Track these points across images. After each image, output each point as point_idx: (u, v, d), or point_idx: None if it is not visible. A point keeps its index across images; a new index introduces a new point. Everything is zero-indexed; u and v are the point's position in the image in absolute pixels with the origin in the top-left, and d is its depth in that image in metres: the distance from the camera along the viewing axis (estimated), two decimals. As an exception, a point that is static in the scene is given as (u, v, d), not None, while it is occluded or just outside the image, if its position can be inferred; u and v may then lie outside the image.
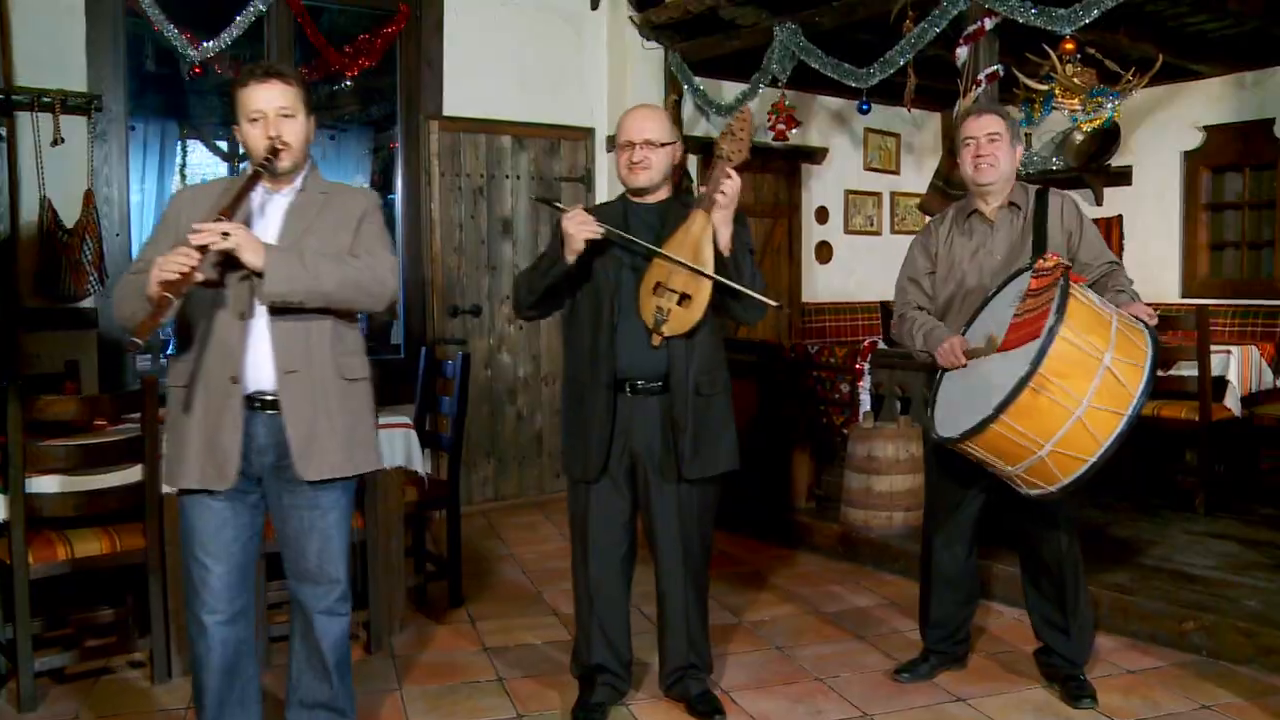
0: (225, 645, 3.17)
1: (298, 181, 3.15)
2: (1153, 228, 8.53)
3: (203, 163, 9.89)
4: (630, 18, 7.68)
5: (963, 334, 3.80)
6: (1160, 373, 6.48)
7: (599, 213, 3.67)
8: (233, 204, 2.93)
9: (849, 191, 9.22)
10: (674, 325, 3.53)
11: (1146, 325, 3.46)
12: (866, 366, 6.31)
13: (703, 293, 3.51)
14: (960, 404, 3.57)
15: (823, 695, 4.13)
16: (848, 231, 9.28)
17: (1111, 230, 8.68)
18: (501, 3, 7.40)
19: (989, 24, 5.62)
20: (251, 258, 2.88)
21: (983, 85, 5.65)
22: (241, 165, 9.92)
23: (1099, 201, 8.79)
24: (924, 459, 4.31)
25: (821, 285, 9.13)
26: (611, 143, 7.77)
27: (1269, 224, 7.97)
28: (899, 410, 6.19)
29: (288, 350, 3.05)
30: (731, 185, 3.53)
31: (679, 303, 3.51)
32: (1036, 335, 3.26)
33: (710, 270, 3.50)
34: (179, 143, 9.69)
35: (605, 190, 7.64)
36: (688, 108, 7.92)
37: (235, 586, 3.17)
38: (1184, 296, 8.29)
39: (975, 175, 3.93)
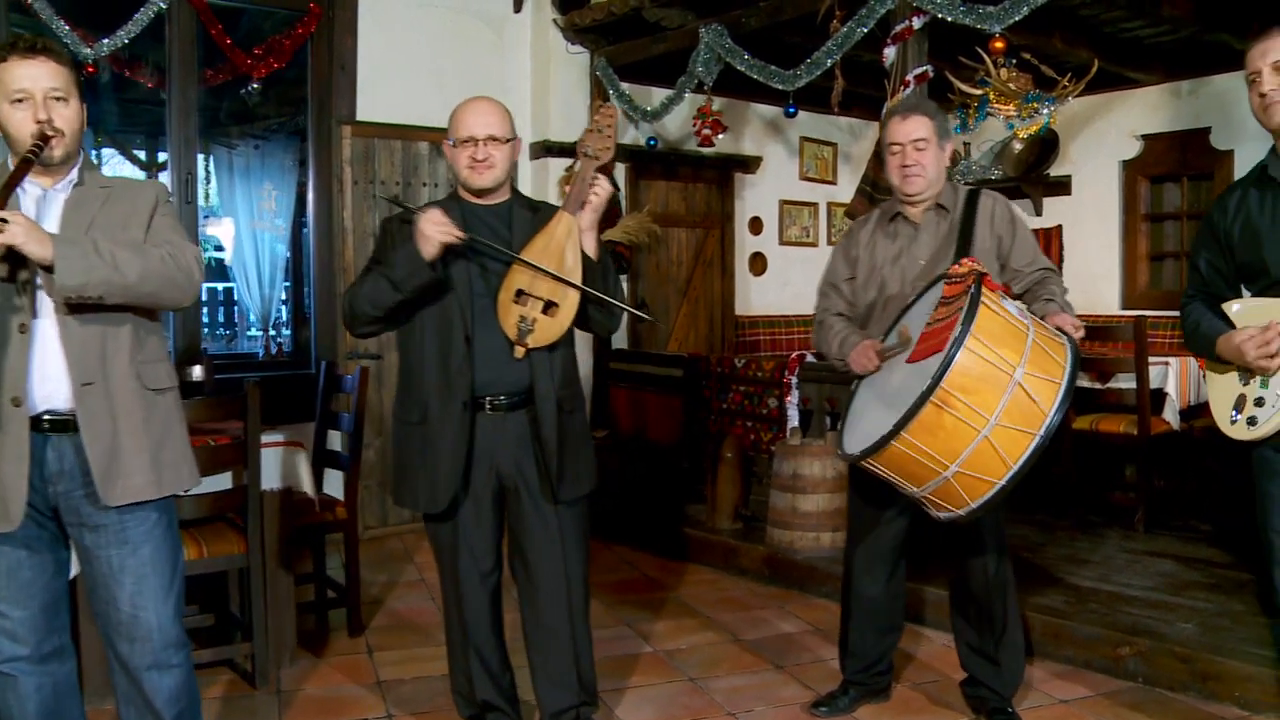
0: (41, 691, 2.81)
1: (72, 174, 2.79)
2: (1092, 238, 8.37)
3: (121, 174, 9.51)
4: (554, 20, 7.43)
5: (883, 340, 3.54)
6: (1099, 386, 6.38)
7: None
8: (1, 195, 2.54)
9: (784, 201, 8.98)
10: (540, 335, 3.24)
11: (1069, 338, 3.21)
12: (794, 380, 6.05)
13: (569, 301, 3.25)
14: (869, 418, 3.31)
15: (734, 732, 3.86)
16: (783, 243, 9.04)
17: (1051, 241, 8.52)
18: (419, 4, 7.11)
19: (917, 23, 5.43)
20: (37, 249, 2.49)
21: (911, 86, 5.44)
22: (160, 175, 9.63)
23: (1038, 211, 8.63)
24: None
25: (756, 298, 8.87)
26: (537, 150, 7.52)
27: (1192, 240, 7.80)
28: (828, 426, 5.94)
29: (82, 360, 2.68)
30: (603, 186, 3.31)
31: (544, 311, 3.23)
32: (941, 348, 3.00)
33: (578, 277, 3.24)
34: (93, 151, 9.32)
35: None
36: (618, 114, 7.64)
37: (44, 628, 2.81)
38: (1124, 308, 8.14)
39: (903, 186, 3.66)
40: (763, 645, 4.75)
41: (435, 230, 3.13)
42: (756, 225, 8.83)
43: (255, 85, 6.67)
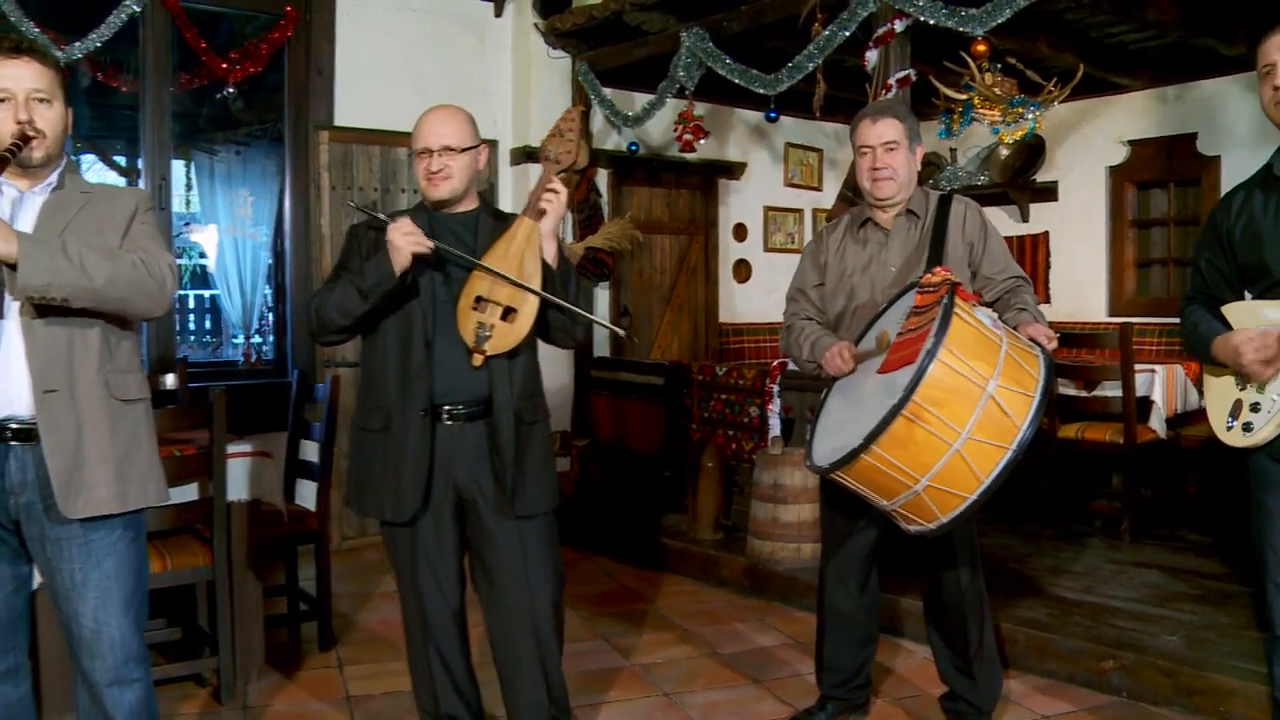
0: None
1: (52, 177, 2.73)
2: (1079, 244, 8.31)
3: (101, 180, 9.40)
4: (535, 24, 7.35)
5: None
6: (1084, 394, 6.31)
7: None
8: None
9: (769, 208, 8.90)
10: (498, 342, 3.15)
11: (1043, 350, 3.11)
12: (776, 388, 5.96)
13: (528, 307, 3.16)
14: (839, 428, 3.22)
15: (708, 749, 3.77)
16: (768, 249, 8.95)
17: (1038, 247, 8.47)
18: (398, 8, 7.04)
19: (899, 26, 5.35)
20: (0, 245, 2.43)
21: (893, 90, 5.37)
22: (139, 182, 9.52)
23: (1025, 218, 8.57)
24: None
25: (740, 305, 8.79)
26: (518, 155, 7.45)
27: (1195, 241, 7.74)
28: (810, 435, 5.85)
29: (46, 365, 2.60)
30: (561, 192, 3.23)
31: (503, 317, 3.15)
32: (912, 359, 2.91)
33: (537, 283, 3.16)
34: (73, 158, 9.21)
35: (510, 208, 7.27)
36: (597, 120, 7.58)
37: (1, 646, 2.74)
38: (1111, 314, 8.07)
39: (873, 189, 3.58)
40: (741, 659, 4.66)
41: (405, 241, 3.06)
42: (741, 232, 8.75)
43: (231, 90, 6.59)
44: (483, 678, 3.55)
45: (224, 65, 6.39)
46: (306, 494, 5.13)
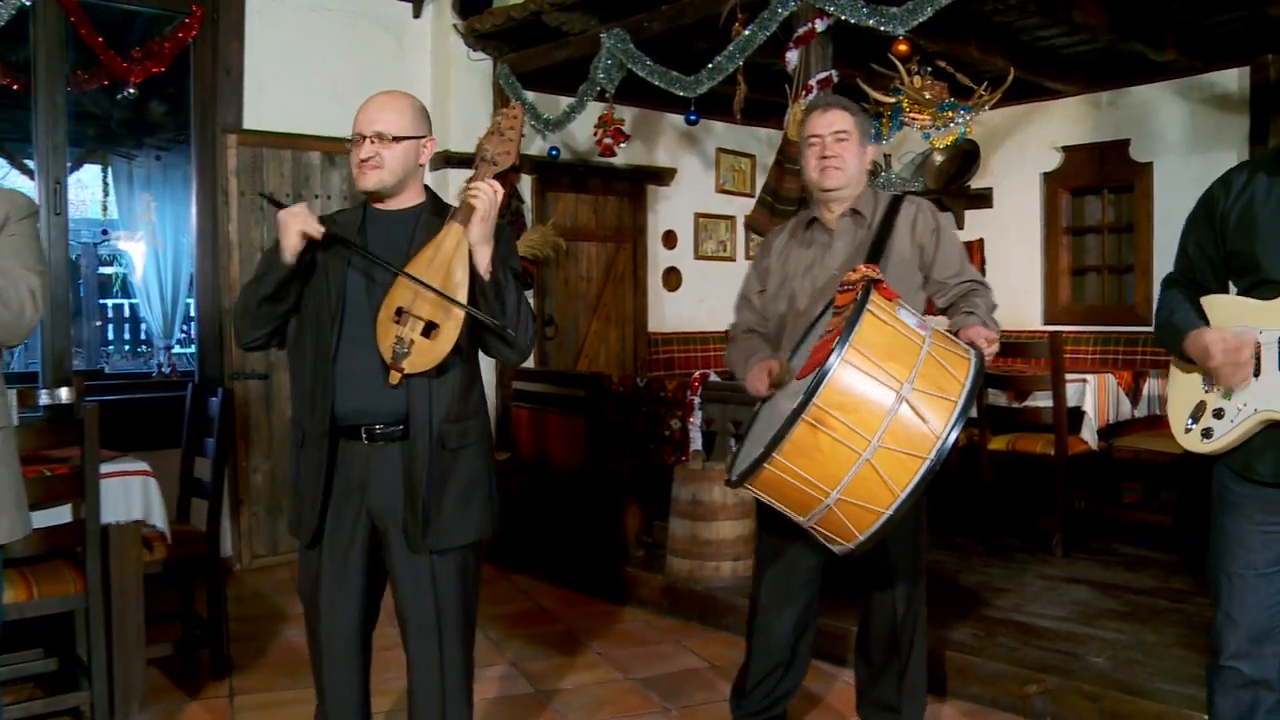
0: None
1: None
2: (1014, 252, 8.20)
3: (18, 186, 9.08)
4: (454, 26, 7.12)
5: (789, 360, 3.25)
6: (1016, 404, 6.16)
7: (333, 223, 3.02)
8: None
9: (699, 215, 8.70)
10: (416, 360, 2.86)
11: (976, 352, 2.87)
12: (697, 401, 5.76)
13: (452, 322, 2.87)
14: (757, 440, 3.00)
15: (609, 785, 3.55)
16: (698, 257, 8.75)
17: (973, 255, 8.33)
18: (311, 7, 6.78)
19: (820, 25, 5.19)
20: None
21: (814, 92, 5.19)
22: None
23: (960, 225, 8.45)
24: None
25: (670, 314, 8.58)
26: (437, 160, 7.20)
27: (1129, 248, 7.67)
28: (732, 449, 5.66)
29: None
30: (486, 194, 2.91)
31: (424, 333, 2.86)
32: (822, 361, 2.69)
33: (464, 295, 2.87)
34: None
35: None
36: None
37: None
38: (1047, 323, 7.96)
39: (821, 179, 3.38)
40: (654, 684, 4.45)
41: (291, 220, 2.83)
42: (671, 239, 8.54)
43: (132, 91, 6.30)
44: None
45: (124, 65, 6.11)
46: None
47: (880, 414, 2.63)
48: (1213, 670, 2.79)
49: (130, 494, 4.09)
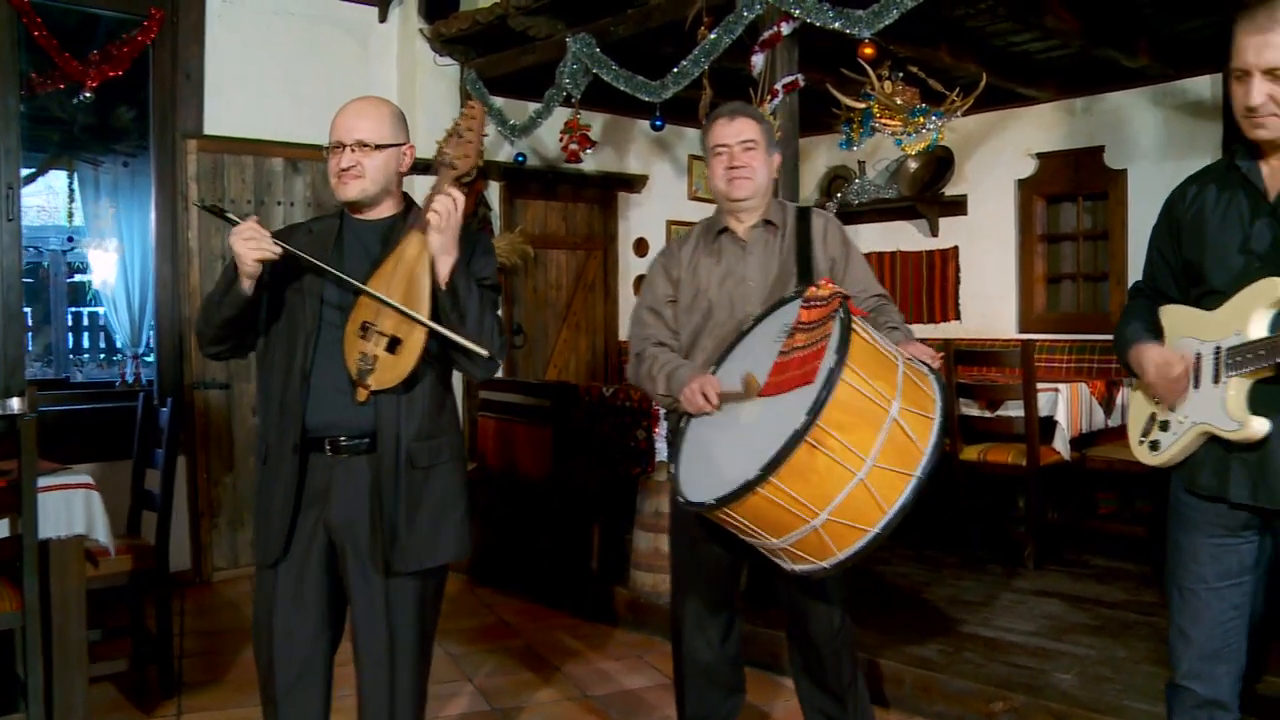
0: None
1: None
2: (989, 259, 8.10)
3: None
4: (420, 30, 7.02)
5: (713, 374, 3.14)
6: (988, 414, 6.08)
7: (308, 232, 2.94)
8: None
9: (671, 222, 8.54)
10: (381, 377, 2.75)
11: (932, 370, 2.84)
12: (663, 410, 5.64)
13: (416, 338, 2.76)
14: (716, 460, 2.88)
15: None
16: (671, 265, 8.62)
17: (948, 262, 8.27)
18: (273, 10, 6.67)
19: (786, 29, 5.09)
20: None
21: (779, 96, 5.10)
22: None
23: (934, 232, 8.36)
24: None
25: (642, 323, 8.45)
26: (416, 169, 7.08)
27: (1105, 255, 7.59)
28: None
29: None
30: (445, 201, 2.77)
31: (388, 348, 2.75)
32: (809, 379, 2.61)
33: (425, 309, 2.76)
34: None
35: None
36: (488, 130, 7.25)
37: None
38: (1021, 331, 7.86)
39: (729, 190, 3.29)
40: (609, 702, 4.34)
41: (244, 245, 2.71)
42: (642, 247, 8.42)
43: (88, 95, 6.18)
44: None
45: (80, 68, 6.00)
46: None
47: (874, 432, 2.58)
48: (1170, 688, 2.72)
49: (72, 508, 3.96)
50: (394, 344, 2.75)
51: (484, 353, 2.78)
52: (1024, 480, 5.79)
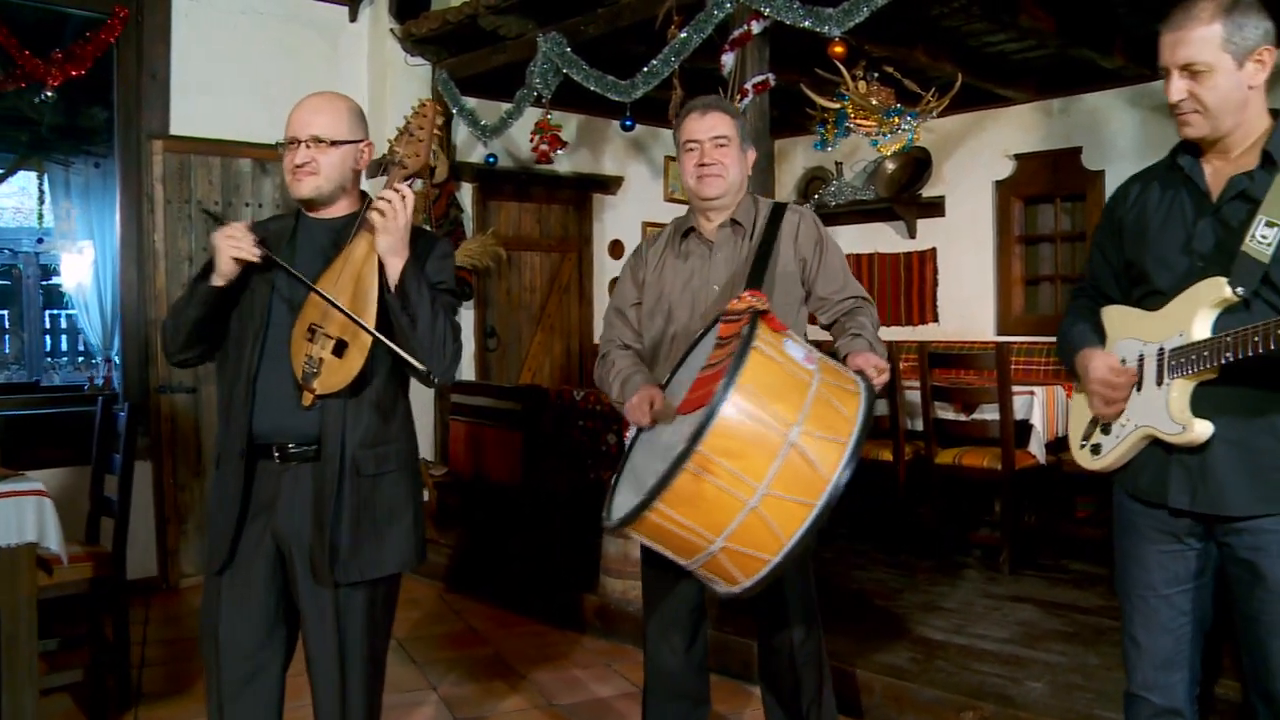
0: None
1: None
2: (967, 261, 8.05)
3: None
4: (391, 30, 6.94)
5: (666, 383, 3.06)
6: (963, 418, 6.01)
7: (265, 231, 2.83)
8: None
9: (647, 224, 8.47)
10: (327, 380, 2.67)
11: (866, 385, 2.66)
12: (632, 415, 5.57)
13: (361, 341, 2.67)
14: (640, 478, 2.76)
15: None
16: (647, 267, 8.55)
17: (925, 264, 8.21)
18: (241, 10, 6.58)
19: (756, 27, 5.03)
20: None
21: (750, 96, 5.03)
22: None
23: (912, 234, 8.30)
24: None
25: (617, 325, 8.39)
26: (374, 168, 6.97)
27: (1083, 257, 7.54)
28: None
29: None
30: (390, 198, 2.67)
31: (335, 351, 2.67)
32: (705, 400, 2.48)
33: (371, 311, 2.66)
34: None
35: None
36: (461, 132, 7.19)
37: None
38: (1000, 333, 7.81)
39: (699, 187, 3.19)
40: (576, 712, 4.27)
41: (225, 242, 2.67)
42: (617, 249, 8.35)
43: (50, 94, 6.08)
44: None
45: (42, 66, 5.90)
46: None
47: (768, 460, 2.42)
48: (1127, 697, 2.67)
49: (23, 515, 3.86)
50: (340, 347, 2.67)
51: (421, 368, 2.65)
52: (999, 484, 5.72)
